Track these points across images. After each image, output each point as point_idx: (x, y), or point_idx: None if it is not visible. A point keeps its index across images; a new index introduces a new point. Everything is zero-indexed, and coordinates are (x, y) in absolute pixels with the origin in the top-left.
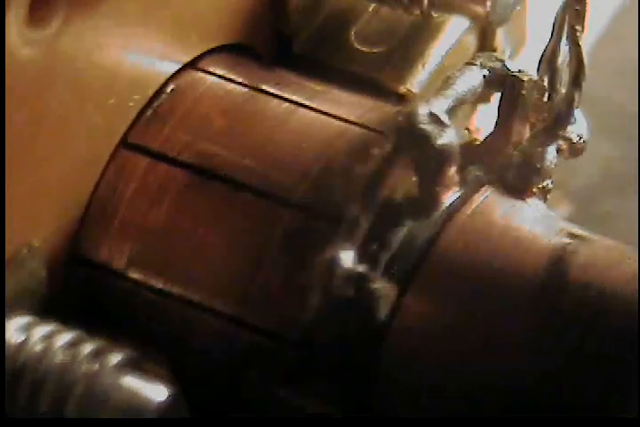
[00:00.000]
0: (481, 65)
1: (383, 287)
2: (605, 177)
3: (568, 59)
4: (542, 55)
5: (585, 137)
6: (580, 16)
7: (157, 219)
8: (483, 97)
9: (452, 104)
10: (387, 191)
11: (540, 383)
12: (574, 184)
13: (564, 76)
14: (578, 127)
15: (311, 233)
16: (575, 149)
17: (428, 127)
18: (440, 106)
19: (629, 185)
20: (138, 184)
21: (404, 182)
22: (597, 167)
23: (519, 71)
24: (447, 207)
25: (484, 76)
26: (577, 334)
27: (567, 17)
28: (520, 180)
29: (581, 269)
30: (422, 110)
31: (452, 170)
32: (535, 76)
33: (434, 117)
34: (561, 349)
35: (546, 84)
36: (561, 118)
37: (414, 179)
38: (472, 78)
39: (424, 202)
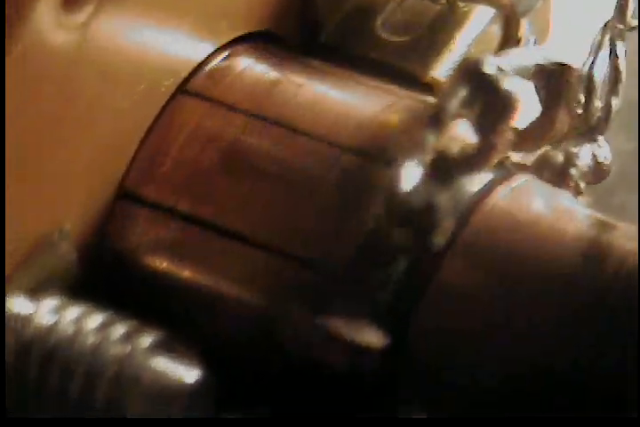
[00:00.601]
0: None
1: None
2: (619, 171)
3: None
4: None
5: (609, 160)
6: (622, 34)
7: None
8: None
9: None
10: (440, 145)
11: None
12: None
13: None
14: (603, 151)
15: (363, 175)
16: (600, 171)
17: (494, 72)
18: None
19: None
20: (165, 171)
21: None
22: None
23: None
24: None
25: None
26: (614, 317)
27: (609, 33)
28: (555, 177)
29: (618, 259)
30: (488, 59)
31: (512, 123)
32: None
33: (499, 67)
34: (595, 331)
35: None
36: (599, 124)
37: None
38: (528, 57)
39: (478, 156)
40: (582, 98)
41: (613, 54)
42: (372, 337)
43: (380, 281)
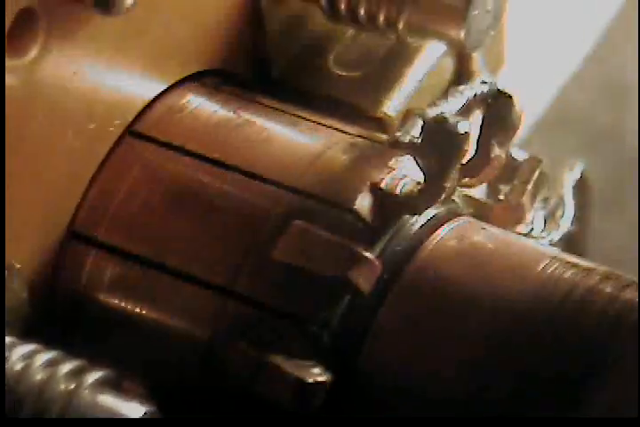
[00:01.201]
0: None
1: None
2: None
3: None
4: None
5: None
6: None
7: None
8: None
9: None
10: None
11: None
12: None
13: None
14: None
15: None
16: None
17: (452, 120)
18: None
19: (614, 205)
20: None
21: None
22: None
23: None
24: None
25: (475, 95)
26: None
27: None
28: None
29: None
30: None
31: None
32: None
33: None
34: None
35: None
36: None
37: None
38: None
39: (425, 196)
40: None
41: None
42: (317, 374)
43: (323, 319)
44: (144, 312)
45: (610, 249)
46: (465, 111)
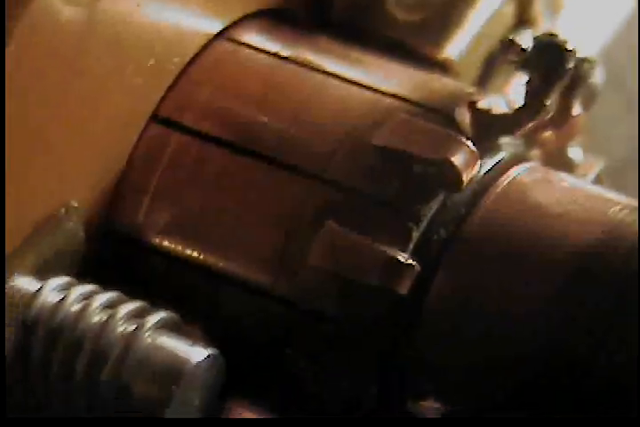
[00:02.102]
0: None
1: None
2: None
3: None
4: None
5: None
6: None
7: (192, 193)
8: None
9: None
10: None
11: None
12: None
13: None
14: None
15: (341, 208)
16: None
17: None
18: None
19: None
20: (171, 157)
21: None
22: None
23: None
24: (487, 172)
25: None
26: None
27: None
28: None
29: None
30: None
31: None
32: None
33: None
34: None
35: None
36: None
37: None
38: None
39: (523, 115)
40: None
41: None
42: (406, 257)
43: (415, 216)
44: (202, 251)
45: None
46: None
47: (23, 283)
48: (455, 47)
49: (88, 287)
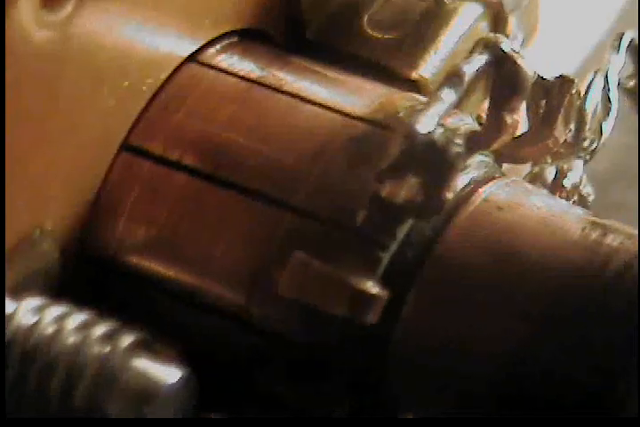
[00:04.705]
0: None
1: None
2: (615, 166)
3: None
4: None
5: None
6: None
7: (165, 216)
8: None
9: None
10: (387, 194)
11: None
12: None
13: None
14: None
15: (309, 235)
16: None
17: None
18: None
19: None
20: (142, 185)
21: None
22: (607, 156)
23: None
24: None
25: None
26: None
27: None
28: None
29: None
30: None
31: (521, 104)
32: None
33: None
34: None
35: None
36: (589, 146)
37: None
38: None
39: (428, 204)
40: (572, 125)
41: (607, 84)
42: (375, 287)
43: (384, 241)
44: (177, 269)
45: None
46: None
47: None
48: (429, 66)
49: (62, 308)
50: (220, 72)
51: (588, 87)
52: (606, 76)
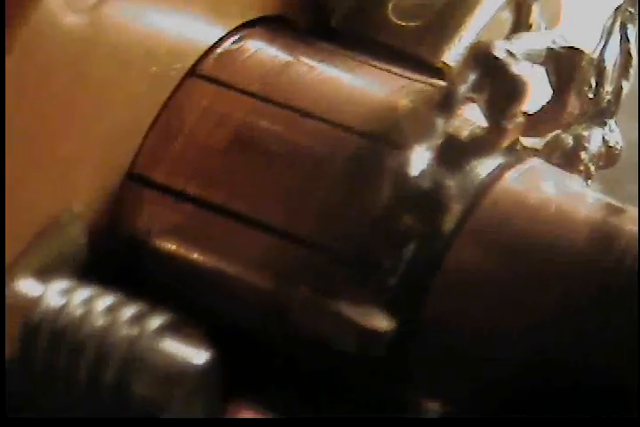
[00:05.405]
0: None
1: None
2: (628, 161)
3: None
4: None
5: (621, 145)
6: (633, 17)
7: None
8: None
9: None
10: (450, 129)
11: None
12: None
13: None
14: (614, 135)
15: (315, 267)
16: (611, 155)
17: (504, 56)
18: (512, 47)
19: None
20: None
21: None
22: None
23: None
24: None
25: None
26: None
27: (620, 17)
28: (565, 161)
29: (626, 243)
30: (498, 44)
31: (522, 107)
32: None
33: (508, 51)
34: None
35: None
36: (609, 107)
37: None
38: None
39: (487, 140)
40: (593, 82)
41: (624, 38)
42: (380, 322)
43: (389, 266)
44: (205, 257)
45: None
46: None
47: (26, 287)
48: (453, 53)
49: (90, 291)
50: (250, 54)
51: (607, 40)
52: (625, 30)
